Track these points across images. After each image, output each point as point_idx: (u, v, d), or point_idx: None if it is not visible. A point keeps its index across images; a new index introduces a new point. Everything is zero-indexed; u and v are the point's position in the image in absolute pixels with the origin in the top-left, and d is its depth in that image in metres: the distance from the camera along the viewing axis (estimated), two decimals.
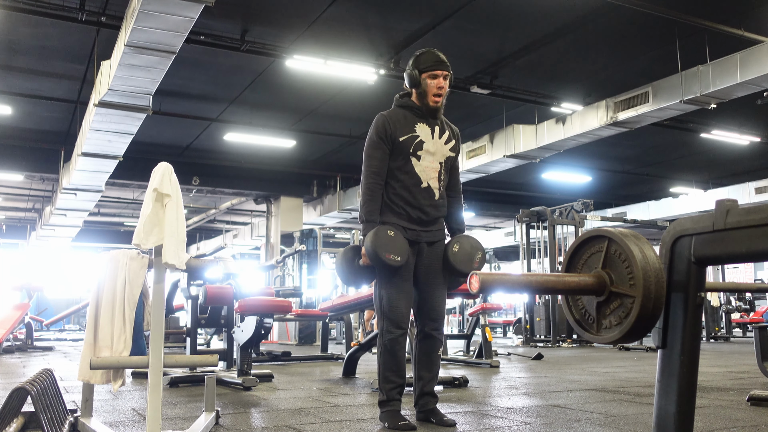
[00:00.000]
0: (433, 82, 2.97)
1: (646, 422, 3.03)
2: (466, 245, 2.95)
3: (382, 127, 2.97)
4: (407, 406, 3.37)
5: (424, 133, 3.03)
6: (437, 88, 2.98)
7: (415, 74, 2.98)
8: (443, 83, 2.99)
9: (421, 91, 3.00)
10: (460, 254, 2.93)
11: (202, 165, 14.38)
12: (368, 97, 10.64)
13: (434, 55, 3.00)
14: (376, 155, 2.97)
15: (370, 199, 2.94)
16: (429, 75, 2.97)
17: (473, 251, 2.94)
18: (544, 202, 13.89)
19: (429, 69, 2.97)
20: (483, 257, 2.94)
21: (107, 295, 2.49)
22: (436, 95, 2.99)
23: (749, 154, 14.08)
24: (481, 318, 6.68)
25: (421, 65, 2.98)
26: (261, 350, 7.45)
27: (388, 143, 2.97)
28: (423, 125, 3.04)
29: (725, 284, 7.30)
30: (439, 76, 2.98)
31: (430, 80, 2.97)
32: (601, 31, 8.57)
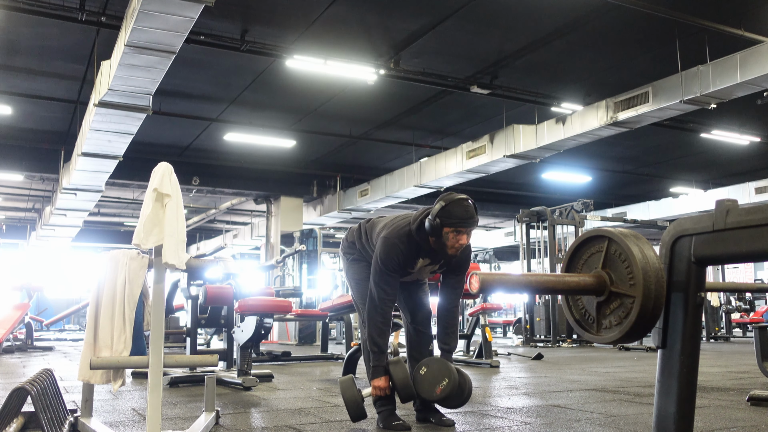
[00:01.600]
0: (456, 238, 2.81)
1: (646, 422, 3.03)
2: (434, 370, 2.80)
3: (397, 262, 2.89)
4: (407, 405, 3.37)
5: (419, 266, 3.02)
6: (459, 244, 2.83)
7: (437, 225, 2.79)
8: (465, 240, 2.84)
9: (441, 242, 2.84)
10: (424, 378, 2.81)
11: (202, 165, 14.38)
12: (368, 97, 10.64)
13: (464, 211, 2.78)
14: (393, 284, 2.91)
15: (386, 329, 2.92)
16: (453, 231, 2.79)
17: (438, 377, 2.78)
18: (544, 202, 13.89)
19: (455, 226, 2.78)
20: (449, 385, 2.75)
21: (107, 295, 2.49)
22: (455, 249, 2.85)
23: (749, 154, 14.08)
24: (481, 318, 6.68)
25: (447, 219, 2.77)
26: (261, 350, 7.45)
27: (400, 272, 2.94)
28: (422, 260, 3.00)
29: (725, 284, 7.30)
30: (463, 233, 2.81)
31: (453, 235, 2.80)
32: (601, 31, 8.56)
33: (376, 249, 2.94)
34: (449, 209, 2.78)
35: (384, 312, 2.89)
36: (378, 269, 2.90)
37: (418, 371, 2.83)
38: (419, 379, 2.82)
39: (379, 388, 2.87)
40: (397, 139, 13.21)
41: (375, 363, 2.89)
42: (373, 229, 3.10)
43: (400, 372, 2.83)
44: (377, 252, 2.92)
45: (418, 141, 13.36)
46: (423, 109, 11.53)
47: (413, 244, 2.91)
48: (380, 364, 2.88)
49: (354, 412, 2.90)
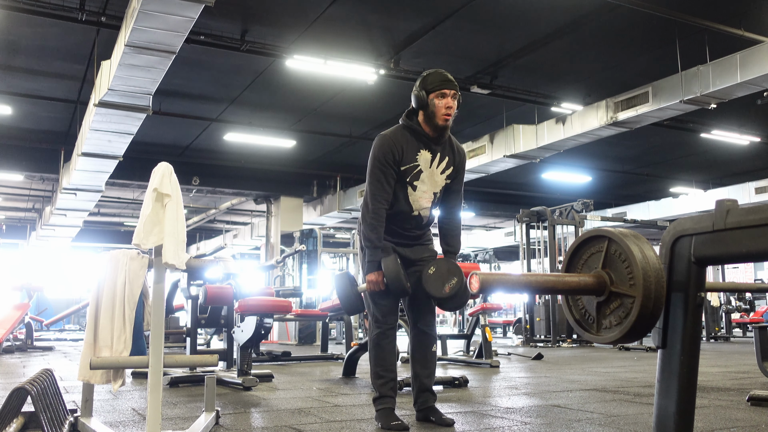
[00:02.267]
0: (441, 102, 2.91)
1: (646, 422, 3.03)
2: (443, 269, 2.85)
3: (390, 152, 2.92)
4: (407, 406, 3.37)
5: (424, 161, 3.00)
6: (446, 107, 2.92)
7: (422, 95, 2.92)
8: (452, 102, 2.93)
9: (430, 112, 2.93)
10: (433, 277, 2.85)
11: (202, 165, 14.38)
12: (368, 97, 10.64)
13: (441, 75, 2.95)
14: (384, 180, 2.93)
15: (378, 225, 2.92)
16: (437, 95, 2.91)
17: (448, 276, 2.82)
18: (544, 202, 13.89)
19: (437, 88, 2.91)
20: (458, 283, 2.78)
21: (107, 295, 2.49)
22: (446, 115, 2.93)
23: (749, 154, 14.08)
24: (481, 318, 6.68)
25: (429, 85, 2.92)
26: (261, 350, 7.44)
27: (395, 168, 2.94)
28: (425, 152, 3.00)
29: (725, 284, 7.29)
30: (447, 96, 2.92)
31: (438, 100, 2.91)
32: (601, 31, 8.56)
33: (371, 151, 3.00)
34: (428, 78, 2.95)
35: (375, 209, 2.91)
36: (370, 166, 2.95)
37: (427, 271, 2.86)
38: (428, 278, 2.85)
39: (372, 282, 2.90)
40: None
41: (369, 258, 2.92)
42: None
43: (392, 266, 2.84)
44: (371, 152, 2.98)
45: None
46: None
47: (407, 133, 2.98)
48: (374, 259, 2.90)
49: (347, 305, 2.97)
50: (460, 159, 3.11)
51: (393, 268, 2.84)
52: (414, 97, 2.97)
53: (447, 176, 3.06)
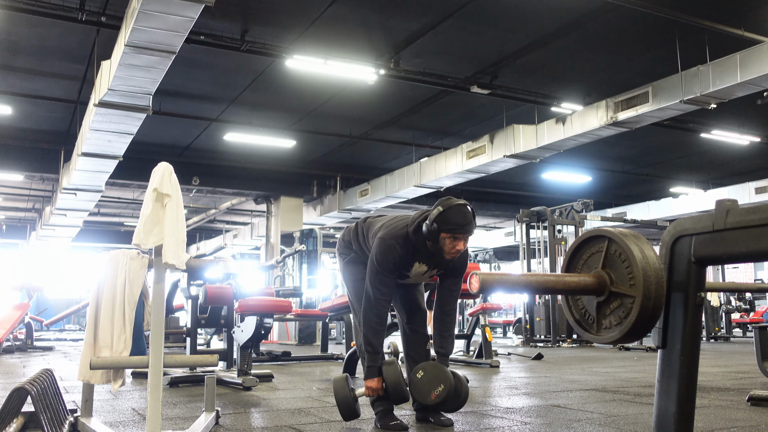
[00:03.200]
0: (452, 244, 2.80)
1: (646, 422, 3.03)
2: (431, 375, 2.78)
3: (393, 262, 2.88)
4: (407, 406, 3.37)
5: (415, 272, 3.01)
6: (455, 250, 2.82)
7: (434, 230, 2.77)
8: (462, 246, 2.83)
9: (437, 247, 2.83)
10: (419, 383, 2.80)
11: (202, 165, 14.38)
12: (368, 97, 10.64)
13: (461, 218, 2.76)
14: (388, 284, 2.91)
15: (381, 330, 2.91)
16: (450, 237, 2.78)
17: (435, 383, 2.76)
18: (544, 202, 13.89)
19: (452, 232, 2.77)
20: (444, 391, 2.74)
21: (107, 295, 2.49)
22: (453, 255, 2.84)
23: (749, 154, 14.08)
24: (481, 318, 6.69)
25: (444, 225, 2.76)
26: (261, 350, 7.45)
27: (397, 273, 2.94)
28: (419, 265, 2.98)
29: (725, 284, 7.29)
30: (460, 240, 2.80)
31: (450, 241, 2.79)
32: (601, 31, 8.56)
33: (372, 249, 2.93)
34: (447, 215, 2.76)
35: (379, 312, 2.89)
36: (374, 270, 2.89)
37: (415, 375, 2.82)
38: (415, 383, 2.81)
39: (371, 389, 2.87)
40: (397, 139, 13.20)
41: (369, 363, 2.88)
42: (370, 229, 3.09)
43: (392, 374, 2.83)
44: (373, 252, 2.91)
45: (418, 141, 13.36)
46: (423, 109, 11.53)
47: (410, 246, 2.90)
48: (374, 365, 2.88)
49: (345, 411, 2.90)
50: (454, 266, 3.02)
51: (395, 377, 2.82)
52: (426, 228, 2.81)
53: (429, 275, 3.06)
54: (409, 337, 3.17)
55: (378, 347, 2.89)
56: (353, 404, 2.89)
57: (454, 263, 2.98)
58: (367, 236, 3.08)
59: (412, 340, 3.15)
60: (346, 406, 2.88)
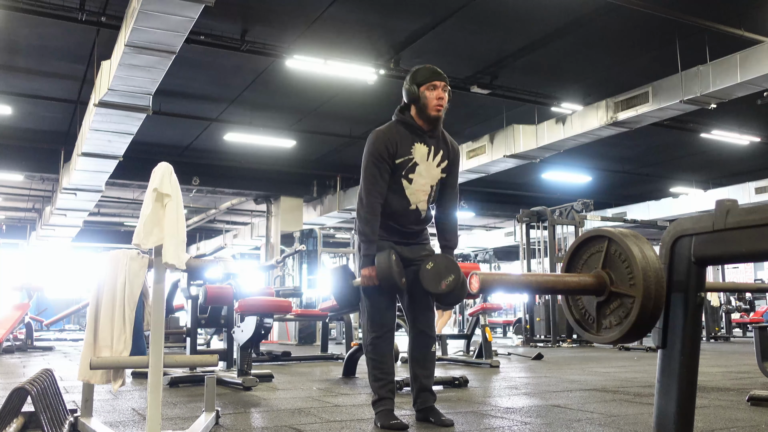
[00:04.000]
0: (432, 94, 2.95)
1: (646, 422, 3.03)
2: (440, 265, 2.84)
3: (383, 146, 2.94)
4: (407, 406, 3.37)
5: (420, 154, 3.01)
6: (437, 99, 2.95)
7: (413, 89, 2.97)
8: (443, 94, 2.97)
9: (421, 105, 2.97)
10: (430, 272, 2.84)
11: (202, 165, 14.38)
12: (368, 97, 10.64)
13: (430, 68, 3.01)
14: (378, 174, 2.94)
15: (373, 219, 2.93)
16: (427, 87, 2.95)
17: (445, 272, 2.81)
18: (544, 202, 13.88)
19: (427, 81, 2.96)
20: (455, 280, 2.77)
21: (107, 295, 2.49)
22: (438, 105, 2.96)
23: (749, 154, 14.08)
24: (481, 318, 6.68)
25: (419, 79, 2.97)
26: (261, 350, 7.44)
27: (389, 162, 2.96)
28: (420, 145, 3.02)
29: (725, 284, 7.30)
30: (438, 87, 2.96)
31: (429, 92, 2.95)
32: (601, 31, 8.56)
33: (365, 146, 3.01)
34: (417, 72, 3.01)
35: (370, 203, 2.92)
36: (364, 162, 2.97)
37: (425, 266, 2.86)
38: (425, 273, 2.84)
39: (366, 277, 2.89)
40: None
41: (364, 252, 2.91)
42: None
43: (384, 261, 2.84)
44: (365, 147, 3.00)
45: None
46: None
47: (401, 128, 3.01)
48: (368, 253, 2.90)
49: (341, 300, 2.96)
50: (454, 153, 3.14)
51: (386, 263, 2.83)
52: (405, 92, 3.01)
53: (442, 169, 3.08)
54: (415, 339, 3.11)
55: (370, 236, 2.91)
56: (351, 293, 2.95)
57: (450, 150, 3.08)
58: None
59: (419, 341, 3.10)
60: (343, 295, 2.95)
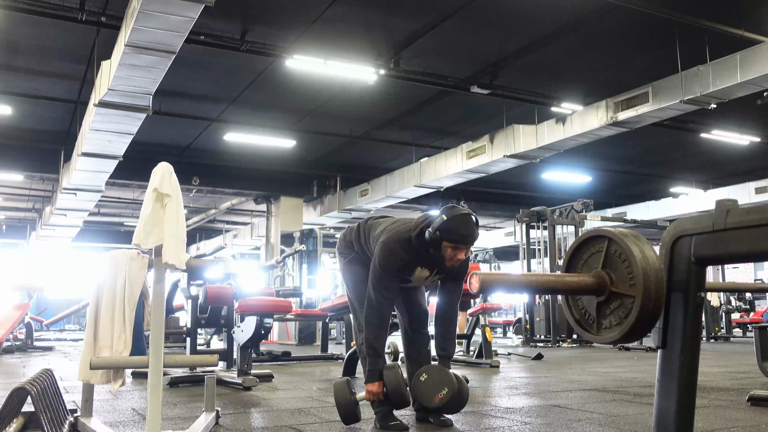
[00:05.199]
0: (453, 253, 2.82)
1: (646, 422, 3.03)
2: (435, 378, 2.79)
3: (396, 266, 2.89)
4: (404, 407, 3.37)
5: (417, 276, 3.01)
6: (456, 259, 2.85)
7: (437, 238, 2.79)
8: (463, 255, 2.86)
9: (439, 255, 2.85)
10: (423, 385, 2.80)
11: (202, 165, 14.37)
12: (368, 97, 10.63)
13: (465, 229, 2.79)
14: (392, 288, 2.92)
15: (383, 332, 2.91)
16: (452, 246, 2.80)
17: (439, 386, 2.76)
18: (544, 202, 13.88)
19: (454, 243, 2.79)
20: (448, 394, 2.74)
21: (107, 295, 2.49)
22: (454, 264, 2.87)
23: (749, 154, 14.07)
24: (481, 318, 6.68)
25: (446, 235, 2.77)
26: (261, 350, 7.44)
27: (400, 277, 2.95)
28: (422, 269, 2.99)
29: (725, 284, 7.31)
30: (461, 250, 2.83)
31: (451, 251, 2.81)
32: (601, 31, 8.56)
33: (375, 253, 2.92)
34: (450, 225, 2.77)
35: (382, 315, 2.88)
36: (377, 274, 2.89)
37: (418, 378, 2.83)
38: (419, 386, 2.81)
39: (372, 393, 2.87)
40: (397, 139, 13.20)
41: (370, 367, 2.88)
42: (372, 230, 3.09)
43: (393, 378, 2.82)
44: (376, 256, 2.91)
45: (418, 141, 13.36)
46: (423, 109, 11.53)
47: (412, 251, 2.90)
48: (375, 369, 2.87)
49: (345, 415, 2.90)
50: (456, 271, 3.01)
51: (395, 380, 2.82)
52: (428, 235, 2.82)
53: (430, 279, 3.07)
54: (410, 338, 3.16)
55: (380, 350, 2.88)
56: (354, 408, 2.89)
57: (455, 268, 2.98)
58: (369, 238, 3.08)
59: (414, 340, 3.14)
60: (347, 411, 2.88)
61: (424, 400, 2.80)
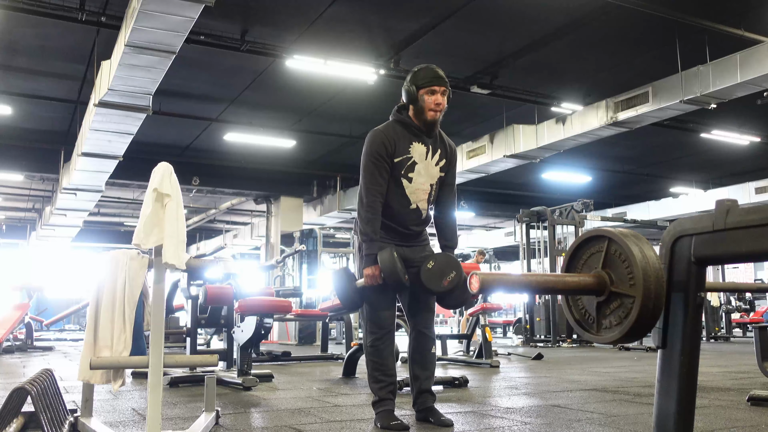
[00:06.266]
0: (430, 98, 2.94)
1: (646, 422, 3.03)
2: (441, 263, 2.87)
3: (382, 145, 2.95)
4: (407, 406, 3.37)
5: (418, 153, 3.02)
6: (435, 104, 2.95)
7: (412, 90, 2.96)
8: (441, 99, 2.96)
9: (419, 107, 2.97)
10: (431, 271, 2.85)
11: (202, 165, 14.37)
12: (368, 97, 10.64)
13: (432, 71, 2.97)
14: (377, 173, 2.94)
15: (373, 218, 2.93)
16: (427, 91, 2.94)
17: (446, 270, 2.84)
18: (544, 202, 13.88)
19: (427, 85, 2.94)
20: (456, 277, 2.81)
21: (107, 295, 2.49)
22: (434, 110, 2.96)
23: (749, 154, 14.08)
24: (481, 318, 6.68)
25: (419, 81, 2.95)
26: (261, 350, 7.44)
27: (388, 161, 2.96)
28: (418, 144, 3.02)
29: (725, 284, 7.30)
30: (437, 92, 2.95)
31: (428, 96, 2.94)
32: (601, 31, 8.56)
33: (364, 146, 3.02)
34: (418, 73, 2.98)
35: (370, 202, 2.92)
36: (363, 161, 2.97)
37: (425, 266, 2.87)
38: (426, 272, 2.85)
39: (369, 276, 2.89)
40: None
41: (367, 252, 2.91)
42: None
43: (388, 258, 2.83)
44: (364, 147, 3.00)
45: None
46: None
47: (399, 127, 3.02)
48: (370, 252, 2.90)
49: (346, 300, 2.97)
50: (452, 152, 3.18)
51: (389, 260, 2.83)
52: (404, 92, 3.02)
53: (441, 168, 3.11)
54: (416, 339, 3.11)
55: (372, 235, 2.91)
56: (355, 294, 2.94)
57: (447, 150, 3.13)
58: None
59: (419, 342, 3.10)
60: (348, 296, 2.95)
61: (433, 284, 2.83)
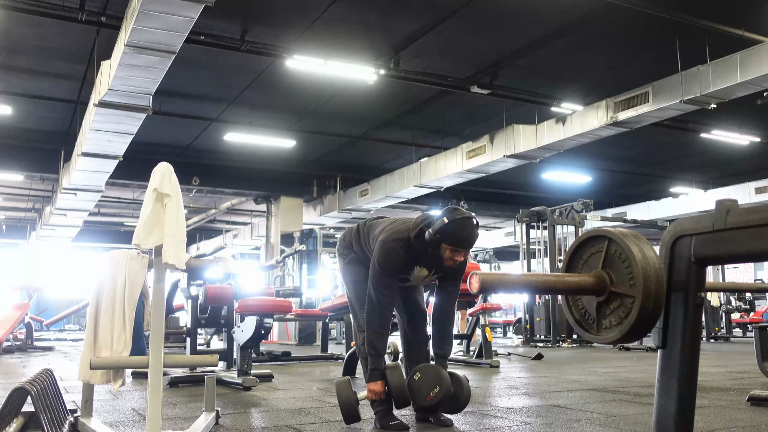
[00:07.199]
0: (451, 255, 2.83)
1: (646, 422, 3.03)
2: (428, 376, 2.81)
3: (395, 264, 2.90)
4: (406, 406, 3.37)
5: (416, 275, 3.02)
6: (454, 260, 2.85)
7: (436, 240, 2.80)
8: (461, 258, 2.87)
9: (438, 254, 2.85)
10: (417, 383, 2.82)
11: (202, 165, 14.37)
12: (368, 97, 10.64)
13: (465, 233, 2.79)
14: (392, 286, 2.92)
15: (385, 333, 2.91)
16: (451, 249, 2.81)
17: (431, 385, 2.78)
18: (544, 202, 13.88)
19: (453, 246, 2.80)
20: (440, 392, 2.77)
21: (107, 296, 2.49)
22: (452, 261, 2.87)
23: (749, 154, 14.07)
24: (481, 318, 6.68)
25: (446, 238, 2.78)
26: (261, 350, 7.44)
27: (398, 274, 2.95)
28: (420, 269, 2.99)
29: (725, 284, 7.31)
30: (460, 253, 2.84)
31: (450, 252, 2.82)
32: (601, 31, 8.56)
33: (374, 252, 2.93)
34: (450, 228, 2.77)
35: (383, 315, 2.89)
36: (376, 272, 2.90)
37: (412, 377, 2.85)
38: (413, 384, 2.84)
39: (374, 392, 2.87)
40: (397, 139, 13.20)
41: (372, 366, 2.88)
42: (372, 230, 3.09)
43: (397, 378, 2.83)
44: (375, 255, 2.92)
45: (418, 141, 13.36)
46: (423, 109, 11.53)
47: (411, 250, 2.90)
48: (377, 368, 2.88)
49: (347, 414, 2.91)
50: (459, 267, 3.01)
51: (399, 380, 2.82)
52: (428, 236, 2.82)
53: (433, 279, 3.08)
54: (409, 338, 3.17)
55: (381, 350, 2.88)
56: (356, 407, 2.90)
57: (453, 268, 2.98)
58: (368, 238, 3.09)
59: (413, 340, 3.16)
60: (350, 410, 2.89)
61: (417, 398, 2.83)
